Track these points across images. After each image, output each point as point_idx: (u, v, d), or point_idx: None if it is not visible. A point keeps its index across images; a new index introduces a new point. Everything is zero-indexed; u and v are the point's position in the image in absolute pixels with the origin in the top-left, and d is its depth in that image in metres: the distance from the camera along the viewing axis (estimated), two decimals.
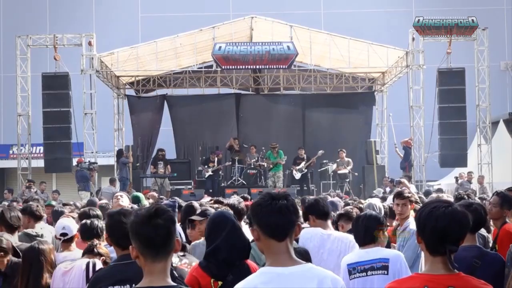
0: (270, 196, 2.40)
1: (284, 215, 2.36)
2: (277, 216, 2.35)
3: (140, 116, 20.60)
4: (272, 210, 2.35)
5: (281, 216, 2.35)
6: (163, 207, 2.29)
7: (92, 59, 17.84)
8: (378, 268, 3.86)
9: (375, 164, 18.91)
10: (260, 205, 2.38)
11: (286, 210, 2.36)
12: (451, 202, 2.52)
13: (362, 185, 18.84)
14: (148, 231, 2.22)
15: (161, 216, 2.24)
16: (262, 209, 2.37)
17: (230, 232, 3.38)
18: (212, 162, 18.30)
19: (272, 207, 2.35)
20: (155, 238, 2.22)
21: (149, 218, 2.23)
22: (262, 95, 21.16)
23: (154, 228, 2.22)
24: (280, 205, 2.36)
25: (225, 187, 17.99)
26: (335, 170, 18.13)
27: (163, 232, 2.23)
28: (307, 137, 20.56)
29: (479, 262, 3.45)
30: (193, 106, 20.76)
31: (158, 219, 2.23)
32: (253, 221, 2.41)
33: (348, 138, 19.99)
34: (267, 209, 2.36)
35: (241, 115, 20.84)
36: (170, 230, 2.25)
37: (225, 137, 20.19)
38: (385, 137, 21.08)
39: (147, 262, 2.22)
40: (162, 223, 2.23)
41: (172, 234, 2.26)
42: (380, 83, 21.04)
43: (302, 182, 18.34)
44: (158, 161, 18.25)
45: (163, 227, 2.23)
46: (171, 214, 2.27)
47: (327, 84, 20.61)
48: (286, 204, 2.37)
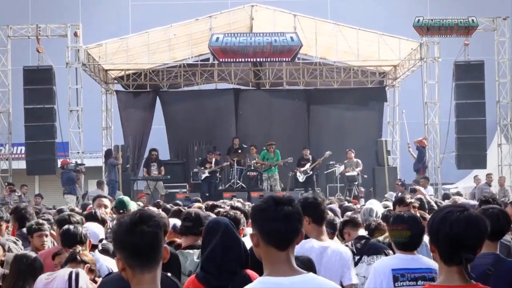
0: (274, 201, 2.39)
1: (289, 222, 2.36)
2: (282, 224, 2.35)
3: (130, 114, 20.61)
4: (277, 216, 2.35)
5: (286, 224, 2.35)
6: (148, 212, 2.28)
7: (78, 52, 17.85)
8: (429, 279, 3.77)
9: (386, 166, 18.92)
10: (263, 210, 2.38)
11: (291, 218, 2.36)
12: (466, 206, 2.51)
13: (372, 188, 18.82)
14: (133, 239, 2.21)
15: (147, 223, 2.22)
16: (265, 215, 2.36)
17: (224, 234, 3.47)
18: (209, 163, 18.30)
19: (277, 213, 2.35)
20: (142, 247, 2.21)
21: (134, 225, 2.21)
22: (263, 90, 21.17)
23: (140, 236, 2.20)
24: (286, 212, 2.35)
25: (223, 190, 18.02)
26: (343, 172, 18.14)
27: (150, 239, 2.22)
28: (313, 136, 20.60)
29: (492, 270, 3.38)
30: (188, 102, 20.78)
31: (143, 226, 2.21)
32: (253, 226, 2.42)
33: (357, 137, 19.97)
34: (271, 215, 2.35)
35: (240, 112, 20.86)
36: (158, 237, 2.24)
37: (223, 136, 20.22)
38: (397, 136, 21.08)
39: (135, 274, 2.21)
40: (148, 230, 2.21)
41: (160, 241, 2.25)
42: (391, 78, 21.02)
43: (306, 185, 18.31)
44: (150, 162, 18.29)
45: (150, 234, 2.21)
46: (157, 220, 2.25)
47: (334, 79, 20.61)
48: (291, 211, 2.37)
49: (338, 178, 18.19)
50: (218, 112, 20.62)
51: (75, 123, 17.93)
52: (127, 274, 2.23)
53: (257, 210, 2.41)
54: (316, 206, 4.21)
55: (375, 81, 21.17)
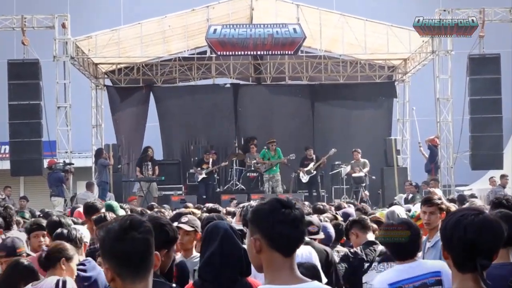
0: (281, 203, 2.40)
1: (297, 227, 2.37)
2: (290, 228, 2.36)
3: (122, 110, 20.63)
4: (285, 220, 2.36)
5: (294, 228, 2.37)
6: (138, 218, 2.28)
7: (66, 44, 17.83)
8: (431, 284, 3.74)
9: (396, 166, 18.94)
10: (269, 213, 2.38)
11: (300, 221, 2.38)
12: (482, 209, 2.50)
13: (380, 191, 18.84)
14: (124, 247, 2.20)
15: (138, 229, 2.22)
16: (272, 218, 2.37)
17: (223, 239, 3.49)
18: (206, 164, 18.31)
19: (285, 216, 2.36)
20: (133, 255, 2.20)
21: (123, 232, 2.20)
22: (264, 85, 21.17)
23: (131, 243, 2.20)
24: (294, 215, 2.37)
25: (221, 192, 18.06)
26: (349, 172, 18.15)
27: (141, 247, 2.21)
28: (317, 135, 20.61)
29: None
30: (184, 98, 20.79)
31: (134, 232, 2.20)
32: (255, 230, 2.40)
33: (364, 136, 20.00)
34: (278, 218, 2.36)
35: (240, 109, 20.88)
36: (149, 243, 2.24)
37: (221, 135, 20.25)
38: (408, 134, 21.09)
39: (126, 284, 2.20)
40: (139, 236, 2.20)
41: (151, 248, 2.25)
42: (401, 72, 21.02)
43: (310, 187, 18.37)
44: (144, 162, 18.31)
45: (141, 241, 2.21)
46: (148, 225, 2.24)
47: (340, 73, 20.63)
48: (299, 214, 2.39)
49: (344, 179, 18.20)
50: (216, 109, 20.63)
51: (63, 121, 17.90)
52: (117, 284, 2.21)
53: (264, 212, 2.40)
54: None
55: (383, 76, 21.16)
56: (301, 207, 2.43)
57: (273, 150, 18.10)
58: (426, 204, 5.42)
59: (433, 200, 5.45)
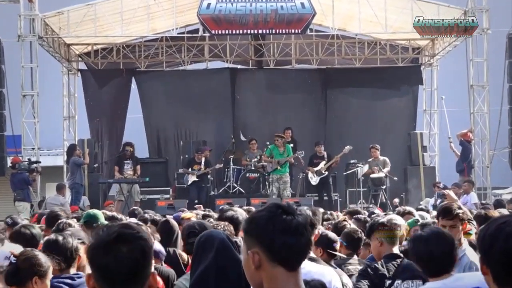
0: (282, 209, 2.39)
1: (301, 235, 2.37)
2: (293, 237, 2.36)
3: (98, 100, 20.62)
4: (287, 228, 2.36)
5: (298, 237, 2.36)
6: (129, 231, 2.29)
7: (33, 21, 17.81)
8: None
9: (422, 165, 18.94)
10: (269, 220, 2.37)
11: (304, 229, 2.37)
12: None
13: (403, 194, 18.82)
14: (106, 261, 2.24)
15: (126, 244, 2.25)
16: (273, 226, 2.36)
17: (219, 251, 3.49)
18: (198, 164, 18.30)
19: (287, 224, 2.36)
20: (115, 271, 2.23)
21: (107, 245, 2.24)
22: (267, 70, 21.17)
23: (115, 259, 2.23)
24: (297, 223, 2.37)
25: (216, 196, 18.02)
26: (367, 173, 18.13)
27: (128, 263, 2.23)
28: (329, 128, 20.62)
29: None
30: (172, 85, 20.79)
31: (121, 247, 2.23)
32: (253, 242, 2.40)
33: (384, 130, 20.02)
34: (280, 227, 2.36)
35: (238, 97, 20.88)
36: (138, 263, 2.25)
37: (216, 128, 20.20)
38: (436, 128, 21.08)
39: None
40: (126, 253, 2.23)
41: (141, 268, 2.26)
42: (428, 54, 21.00)
43: (321, 190, 18.38)
44: (124, 160, 18.28)
45: (128, 259, 2.23)
46: (141, 243, 2.26)
47: (356, 56, 20.61)
48: (303, 221, 2.38)
49: (360, 180, 18.15)
50: (210, 98, 20.61)
51: (29, 112, 17.89)
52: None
53: (260, 220, 2.39)
54: None
55: (407, 59, 21.14)
56: (304, 213, 2.42)
57: (281, 145, 17.99)
58: (445, 217, 5.31)
59: (453, 211, 5.35)
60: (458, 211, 5.39)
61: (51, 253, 4.24)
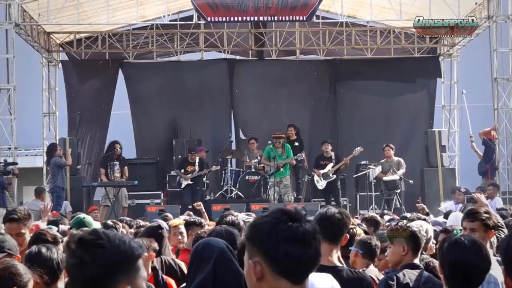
0: (287, 215, 2.41)
1: (309, 244, 2.39)
2: (300, 246, 2.38)
3: (81, 94, 20.60)
4: (293, 236, 2.38)
5: (306, 246, 2.38)
6: (93, 237, 2.30)
7: (9, 7, 17.74)
8: None
9: (441, 167, 18.91)
10: (273, 227, 2.39)
11: (312, 238, 2.40)
12: None
13: (420, 199, 18.70)
14: (69, 268, 2.28)
15: (88, 252, 2.27)
16: (277, 234, 2.38)
17: (218, 262, 3.53)
18: (191, 165, 18.28)
19: (293, 231, 2.38)
20: (78, 280, 2.27)
21: (71, 250, 2.29)
22: (269, 62, 21.15)
23: (77, 267, 2.26)
24: (304, 230, 2.39)
25: (212, 201, 17.95)
26: (379, 176, 18.09)
27: (88, 274, 2.25)
28: (337, 126, 20.65)
29: None
30: (163, 78, 20.80)
31: (83, 255, 2.26)
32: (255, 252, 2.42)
33: (399, 127, 20.05)
34: (285, 235, 2.38)
35: (237, 91, 20.90)
36: (97, 275, 2.25)
37: (212, 126, 20.12)
38: (456, 125, 21.05)
39: None
40: (89, 262, 2.25)
41: (106, 281, 2.26)
42: (448, 44, 20.94)
43: (328, 194, 18.36)
44: (110, 162, 18.24)
45: (89, 268, 2.25)
46: (106, 250, 2.26)
47: (367, 45, 20.60)
48: (310, 229, 2.41)
49: (372, 184, 18.16)
50: (206, 92, 20.64)
51: (5, 107, 17.86)
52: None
53: (263, 227, 2.41)
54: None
55: (424, 49, 21.10)
56: (313, 221, 2.48)
57: (280, 146, 18.01)
58: (467, 218, 5.46)
59: (476, 214, 5.44)
60: (484, 215, 5.44)
61: (32, 265, 4.22)
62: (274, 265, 2.36)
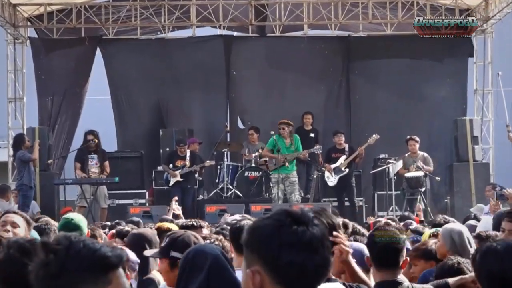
0: (292, 217, 2.44)
1: (316, 252, 2.43)
2: (306, 253, 2.41)
3: (53, 76, 20.52)
4: (298, 242, 2.41)
5: (312, 255, 2.42)
6: (53, 242, 2.32)
7: None
8: None
9: (472, 162, 18.91)
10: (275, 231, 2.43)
11: (319, 245, 2.44)
12: None
13: (448, 199, 18.79)
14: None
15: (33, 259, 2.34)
16: (279, 239, 2.41)
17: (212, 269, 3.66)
18: (181, 160, 18.25)
19: (298, 236, 2.41)
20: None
21: (17, 257, 2.44)
22: (271, 39, 21.16)
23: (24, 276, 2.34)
24: (312, 236, 2.43)
25: (205, 201, 18.03)
26: (401, 172, 18.13)
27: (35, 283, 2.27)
28: (351, 113, 20.67)
29: None
30: (149, 58, 20.85)
31: (26, 260, 2.35)
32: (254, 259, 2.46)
33: (423, 116, 20.08)
34: (289, 240, 2.41)
35: (234, 73, 20.87)
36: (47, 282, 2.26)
37: (205, 113, 20.10)
38: (490, 113, 20.98)
39: None
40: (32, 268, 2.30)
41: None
42: (481, 18, 20.82)
43: (341, 193, 18.49)
44: (87, 154, 18.20)
45: (33, 276, 2.28)
46: (58, 261, 2.27)
47: (387, 19, 20.55)
48: (318, 233, 2.44)
49: (392, 181, 18.14)
50: (198, 74, 20.63)
51: None
52: None
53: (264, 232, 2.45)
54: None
55: None
56: (321, 224, 2.48)
57: (287, 136, 17.97)
58: (508, 218, 5.78)
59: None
60: None
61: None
62: (276, 275, 2.41)
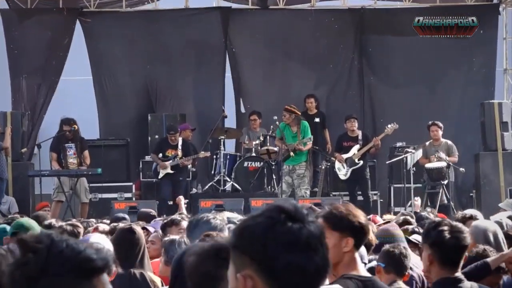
0: (286, 214, 2.49)
1: (315, 252, 2.48)
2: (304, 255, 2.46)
3: (27, 53, 20.53)
4: (295, 242, 2.46)
5: (311, 255, 2.47)
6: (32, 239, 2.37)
7: None
8: None
9: (501, 151, 18.92)
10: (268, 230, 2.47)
11: (318, 244, 2.48)
12: None
13: (474, 192, 18.86)
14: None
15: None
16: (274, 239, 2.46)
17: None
18: (172, 149, 18.31)
19: (295, 235, 2.46)
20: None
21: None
22: (275, 12, 21.17)
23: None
24: (309, 234, 2.47)
25: (200, 195, 18.04)
26: (421, 162, 18.17)
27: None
28: (365, 96, 20.65)
29: None
30: (136, 33, 20.89)
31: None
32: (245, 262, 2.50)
33: (445, 98, 20.05)
34: (284, 239, 2.45)
35: (234, 50, 20.90)
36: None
37: (200, 96, 20.18)
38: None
39: None
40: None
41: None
42: None
43: (353, 186, 18.57)
44: (64, 142, 18.19)
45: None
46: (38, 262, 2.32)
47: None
48: (316, 232, 2.49)
49: (411, 173, 18.14)
50: (191, 52, 20.72)
51: None
52: None
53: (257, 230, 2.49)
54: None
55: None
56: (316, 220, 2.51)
57: (294, 124, 17.95)
58: None
59: None
60: None
61: None
62: (271, 279, 2.45)
